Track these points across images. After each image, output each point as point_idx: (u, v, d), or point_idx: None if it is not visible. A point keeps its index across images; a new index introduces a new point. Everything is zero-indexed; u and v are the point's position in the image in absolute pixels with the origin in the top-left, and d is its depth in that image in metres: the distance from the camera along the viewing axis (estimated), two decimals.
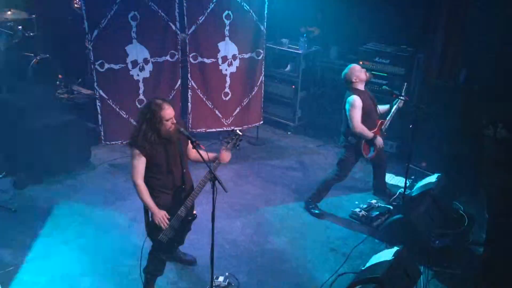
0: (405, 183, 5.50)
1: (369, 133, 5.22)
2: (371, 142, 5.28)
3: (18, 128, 5.82)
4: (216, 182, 3.67)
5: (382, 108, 5.50)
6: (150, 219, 3.94)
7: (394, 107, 5.40)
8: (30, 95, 6.24)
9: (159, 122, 3.80)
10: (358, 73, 5.23)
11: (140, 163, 3.85)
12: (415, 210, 4.99)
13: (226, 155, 4.01)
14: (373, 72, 6.18)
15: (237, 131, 4.09)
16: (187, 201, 3.98)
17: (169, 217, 3.92)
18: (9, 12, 7.14)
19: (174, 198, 4.01)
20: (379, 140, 5.29)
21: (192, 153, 4.12)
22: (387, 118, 5.41)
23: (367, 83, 5.37)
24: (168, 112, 3.82)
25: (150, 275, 4.21)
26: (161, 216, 3.87)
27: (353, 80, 5.22)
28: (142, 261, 4.11)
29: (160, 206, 3.92)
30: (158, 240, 3.97)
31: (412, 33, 6.83)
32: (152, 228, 3.97)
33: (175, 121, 3.88)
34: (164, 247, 4.06)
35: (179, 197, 4.02)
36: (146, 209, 3.98)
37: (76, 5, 7.63)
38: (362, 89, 5.27)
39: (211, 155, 4.01)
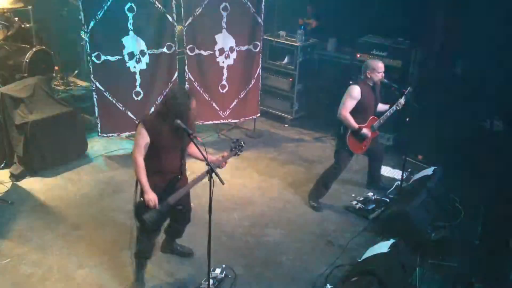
0: (402, 175, 5.52)
1: (353, 124, 5.17)
2: (356, 134, 5.24)
3: (14, 120, 5.79)
4: (213, 174, 3.68)
5: (382, 106, 5.47)
6: (140, 198, 3.94)
7: (393, 108, 5.32)
8: (27, 87, 6.19)
9: (183, 113, 3.80)
10: (376, 72, 5.17)
11: (144, 142, 3.87)
12: (411, 202, 5.01)
13: (225, 163, 4.08)
14: None
15: (242, 142, 4.16)
16: (180, 190, 3.99)
17: (157, 201, 3.90)
18: (5, 3, 7.08)
19: (168, 184, 4.01)
20: (365, 131, 5.22)
21: (192, 148, 4.13)
22: (381, 117, 5.36)
23: (376, 85, 5.29)
24: (194, 102, 3.88)
25: (139, 258, 4.24)
26: (152, 197, 3.88)
27: (367, 73, 5.20)
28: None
29: (153, 188, 3.91)
30: (143, 220, 3.95)
31: (410, 25, 6.81)
32: (139, 207, 3.97)
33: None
34: (149, 229, 4.03)
35: (173, 185, 4.03)
36: (136, 189, 3.98)
37: None
38: (370, 84, 5.24)
39: (212, 158, 4.03)
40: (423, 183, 5.38)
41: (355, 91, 5.14)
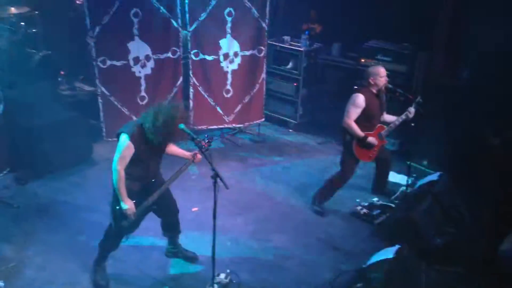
0: (407, 181, 5.50)
1: (358, 132, 5.15)
2: (362, 143, 5.23)
3: (20, 124, 5.82)
4: (218, 179, 3.68)
5: (389, 117, 5.44)
6: (118, 207, 3.99)
7: (402, 117, 5.30)
8: (33, 92, 6.23)
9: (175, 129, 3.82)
10: (378, 77, 5.15)
11: (128, 155, 3.91)
12: (416, 208, 4.98)
13: (198, 157, 4.17)
14: None
15: (202, 142, 4.06)
16: (156, 192, 4.08)
17: (134, 209, 4.00)
18: (12, 9, 7.13)
19: (144, 189, 4.09)
20: (371, 139, 5.20)
21: (169, 148, 4.22)
22: (389, 125, 5.35)
23: (381, 91, 5.26)
24: (181, 111, 3.90)
25: (105, 251, 4.32)
26: (130, 206, 3.96)
27: (370, 80, 5.19)
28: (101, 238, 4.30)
29: (130, 194, 3.98)
30: (122, 226, 4.06)
31: (415, 30, 6.81)
32: (117, 213, 4.03)
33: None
34: (124, 231, 4.15)
35: (148, 189, 4.10)
36: (115, 195, 4.02)
37: (78, 2, 7.62)
38: (374, 91, 5.22)
39: (185, 153, 4.24)
40: (429, 188, 5.35)
41: (359, 99, 5.13)
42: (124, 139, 3.90)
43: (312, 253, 4.90)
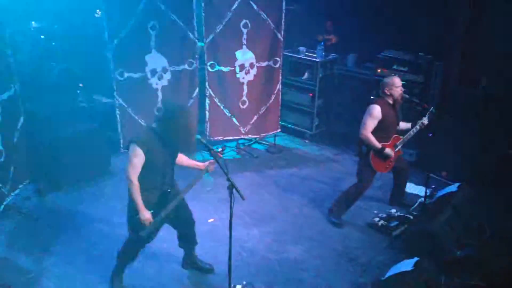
0: (425, 192, 5.43)
1: (376, 143, 5.13)
2: (380, 154, 5.20)
3: (40, 137, 5.91)
4: (234, 190, 3.68)
5: (405, 125, 5.41)
6: (135, 217, 4.00)
7: (416, 127, 5.28)
8: (52, 104, 6.33)
9: (183, 127, 3.91)
10: (394, 87, 5.14)
11: (139, 162, 3.91)
12: (435, 219, 4.91)
13: (212, 166, 4.18)
14: None
15: (213, 151, 4.06)
16: (172, 202, 4.07)
17: (152, 219, 4.00)
18: (32, 23, 7.29)
19: (161, 198, 4.08)
20: (388, 151, 5.18)
21: (180, 157, 4.26)
22: (405, 136, 5.31)
23: (397, 101, 5.23)
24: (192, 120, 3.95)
25: (123, 262, 4.34)
26: (147, 217, 3.96)
27: (385, 90, 5.18)
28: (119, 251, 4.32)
29: (147, 204, 3.99)
30: (140, 237, 4.05)
31: (431, 40, 6.77)
32: (135, 224, 4.04)
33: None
34: (142, 242, 4.16)
35: (165, 199, 4.09)
36: (132, 205, 4.03)
37: (97, 15, 7.75)
38: (389, 102, 5.20)
39: (198, 163, 4.26)
40: (448, 199, 5.27)
41: (376, 111, 5.11)
42: (132, 147, 3.92)
43: (329, 265, 4.86)
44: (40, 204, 5.73)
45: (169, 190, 4.11)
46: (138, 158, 3.89)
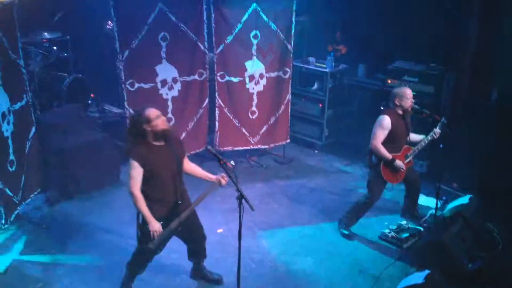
0: (436, 204, 5.38)
1: (386, 154, 5.10)
2: (390, 165, 5.17)
3: (51, 146, 5.96)
4: (243, 200, 3.68)
5: (415, 136, 5.39)
6: (145, 227, 4.00)
7: (428, 138, 5.25)
8: (63, 114, 6.40)
9: (146, 124, 3.91)
10: (404, 98, 5.12)
11: (138, 174, 3.93)
12: (446, 231, 4.86)
13: (225, 180, 4.12)
14: None
15: (230, 163, 4.10)
16: (182, 214, 4.05)
17: (161, 230, 3.99)
18: (45, 34, 7.40)
19: (169, 211, 4.08)
20: (398, 163, 5.15)
21: (188, 166, 4.25)
22: (416, 147, 5.29)
23: (407, 112, 5.21)
24: (152, 111, 3.96)
25: (132, 272, 4.32)
26: (156, 227, 3.96)
27: (395, 101, 5.17)
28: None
29: (155, 216, 3.99)
30: (148, 248, 4.04)
31: (442, 51, 6.74)
32: (143, 235, 4.05)
33: (165, 118, 4.04)
34: (151, 253, 4.14)
35: (175, 211, 4.08)
36: (140, 217, 4.05)
37: (108, 26, 7.85)
38: (399, 113, 5.19)
39: (210, 175, 4.21)
40: (459, 211, 5.22)
41: (386, 122, 5.09)
42: (129, 161, 3.96)
43: (339, 277, 4.81)
44: (50, 213, 5.77)
45: (179, 201, 4.10)
46: (135, 170, 3.92)
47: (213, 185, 4.15)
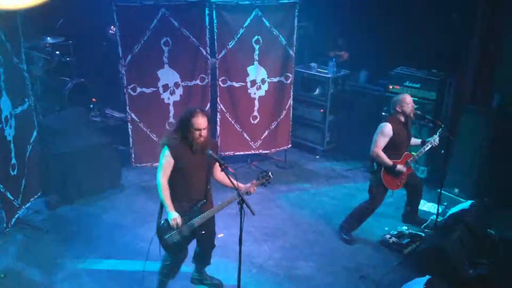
0: (437, 209, 5.38)
1: (387, 161, 5.11)
2: (391, 171, 5.17)
3: (52, 150, 5.97)
4: (244, 205, 3.68)
5: (415, 142, 5.40)
6: (163, 221, 4.02)
7: (428, 144, 5.26)
8: (65, 118, 6.42)
9: (187, 127, 3.94)
10: (405, 104, 5.14)
11: (168, 164, 3.98)
12: (447, 237, 4.85)
13: (253, 189, 4.14)
14: None
15: (270, 173, 4.20)
16: (205, 214, 4.05)
17: (180, 222, 3.98)
18: (48, 38, 7.44)
19: (193, 209, 4.08)
20: (400, 168, 5.15)
21: (219, 174, 4.19)
22: (416, 153, 5.29)
23: (409, 118, 5.23)
24: (198, 121, 3.92)
25: (164, 277, 4.32)
26: (175, 217, 3.96)
27: (397, 108, 5.18)
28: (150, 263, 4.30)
29: (178, 211, 3.99)
30: (164, 240, 4.03)
31: (443, 57, 6.75)
32: (162, 228, 4.04)
33: (204, 135, 3.97)
34: (171, 249, 4.10)
35: (198, 209, 4.08)
36: (161, 211, 4.06)
37: (111, 31, 7.89)
38: (401, 120, 5.20)
39: (240, 185, 4.10)
40: (460, 217, 5.21)
41: (387, 129, 5.10)
42: (163, 149, 4.01)
43: (339, 282, 4.80)
44: (51, 217, 5.76)
45: (204, 201, 4.11)
46: (166, 159, 3.97)
47: (241, 193, 3.97)
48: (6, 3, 4.15)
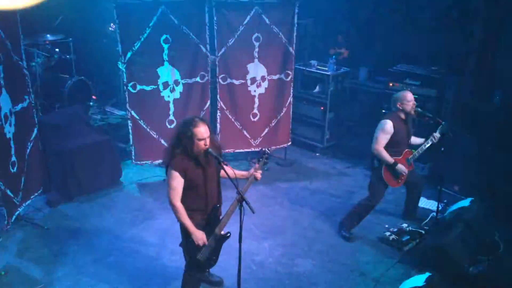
0: (437, 207, 5.38)
1: (388, 158, 5.12)
2: (392, 168, 5.18)
3: (52, 147, 5.98)
4: (244, 202, 3.68)
5: (416, 140, 5.40)
6: (188, 239, 3.91)
7: (428, 142, 5.28)
8: (65, 116, 6.42)
9: (190, 139, 3.76)
10: (405, 102, 5.14)
11: (178, 184, 3.82)
12: (447, 234, 4.85)
13: (259, 173, 4.05)
14: None
15: (266, 149, 4.14)
16: (223, 219, 3.99)
17: (205, 239, 3.90)
18: (47, 36, 7.44)
19: (210, 217, 4.00)
20: (400, 167, 5.17)
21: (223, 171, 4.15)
22: (417, 150, 5.30)
23: (409, 116, 5.22)
24: (201, 131, 3.76)
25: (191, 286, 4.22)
26: (200, 236, 3.87)
27: (397, 105, 5.18)
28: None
29: (196, 226, 3.90)
30: (196, 260, 3.95)
31: (444, 54, 6.75)
32: (190, 248, 3.95)
33: (208, 143, 3.82)
34: (201, 266, 4.05)
35: (215, 216, 4.02)
36: (183, 229, 3.94)
37: (111, 29, 7.89)
38: (402, 117, 5.20)
39: (243, 173, 4.09)
40: (460, 214, 5.21)
41: (388, 126, 5.10)
42: (169, 171, 3.84)
43: (339, 280, 4.81)
44: (51, 214, 5.77)
45: (218, 205, 4.02)
46: (176, 180, 3.80)
47: (249, 181, 4.00)
48: (6, 3, 4.13)
